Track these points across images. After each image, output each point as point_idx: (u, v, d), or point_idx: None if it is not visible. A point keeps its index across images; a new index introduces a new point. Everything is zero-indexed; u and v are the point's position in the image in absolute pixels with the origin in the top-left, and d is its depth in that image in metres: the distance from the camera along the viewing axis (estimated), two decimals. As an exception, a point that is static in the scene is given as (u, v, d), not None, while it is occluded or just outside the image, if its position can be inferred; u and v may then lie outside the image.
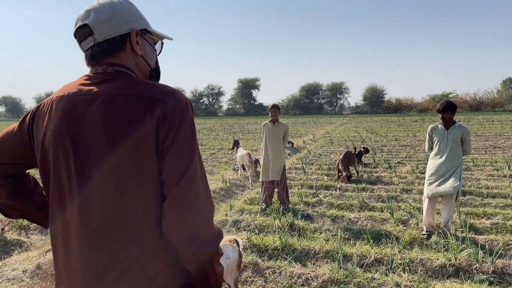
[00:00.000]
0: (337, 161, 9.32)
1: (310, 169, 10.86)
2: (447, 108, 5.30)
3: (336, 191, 8.18)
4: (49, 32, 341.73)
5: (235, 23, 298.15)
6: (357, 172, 9.73)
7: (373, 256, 4.63)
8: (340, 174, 9.29)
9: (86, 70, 1.35)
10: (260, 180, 7.17)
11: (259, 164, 10.59)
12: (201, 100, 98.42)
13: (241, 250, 3.54)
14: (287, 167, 11.19)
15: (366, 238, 5.15)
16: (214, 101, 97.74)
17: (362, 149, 11.90)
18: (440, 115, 5.38)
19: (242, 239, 5.19)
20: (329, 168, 10.77)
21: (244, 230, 5.73)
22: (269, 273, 4.28)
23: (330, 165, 11.15)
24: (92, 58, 1.30)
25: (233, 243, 3.49)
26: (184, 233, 1.17)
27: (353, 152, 10.12)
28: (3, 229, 5.94)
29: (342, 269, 4.21)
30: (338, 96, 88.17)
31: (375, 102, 79.03)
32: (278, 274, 4.26)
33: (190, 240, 1.18)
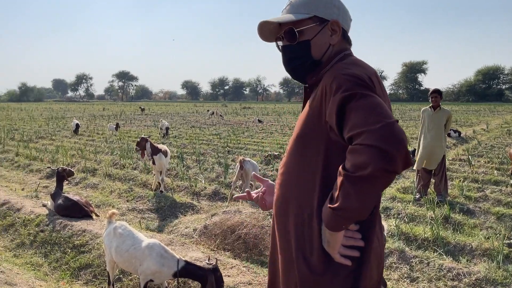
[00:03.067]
0: (510, 154, 8.20)
1: (477, 161, 9.82)
2: None
3: (507, 187, 7.27)
4: (222, 24, 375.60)
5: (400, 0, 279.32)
6: None
7: (543, 262, 4.08)
8: (515, 169, 8.19)
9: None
10: (415, 168, 6.84)
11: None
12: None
13: (385, 234, 3.55)
14: (450, 158, 10.35)
15: (537, 242, 4.53)
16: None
17: (547, 143, 10.19)
18: None
19: (389, 225, 5.12)
20: (501, 162, 9.56)
21: (393, 217, 5.61)
22: (415, 262, 4.16)
23: (504, 159, 9.87)
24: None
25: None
26: None
27: None
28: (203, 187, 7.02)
29: (501, 270, 3.84)
30: (524, 81, 75.84)
31: None
32: (425, 265, 4.11)
33: None
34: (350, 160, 1.23)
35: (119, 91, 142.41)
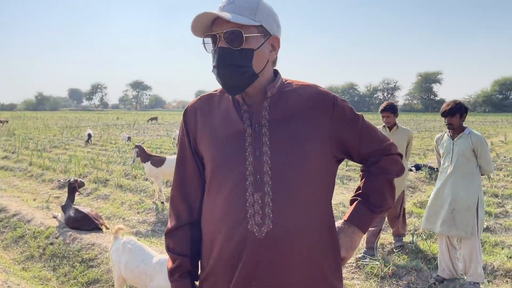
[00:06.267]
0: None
1: (496, 175, 9.54)
2: (455, 110, 3.85)
3: (528, 202, 7.02)
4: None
5: (415, 8, 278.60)
6: None
7: None
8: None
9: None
10: None
11: None
12: (375, 95, 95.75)
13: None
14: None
15: None
16: (389, 96, 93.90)
17: None
18: (445, 120, 3.95)
19: (405, 242, 4.95)
20: (522, 176, 9.29)
21: (410, 234, 5.42)
22: (434, 283, 3.98)
23: (524, 172, 9.59)
24: None
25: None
26: None
27: None
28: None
29: (526, 293, 3.64)
30: (543, 91, 74.71)
31: None
32: (445, 286, 3.93)
33: None
34: (391, 167, 1.50)
35: (133, 100, 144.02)
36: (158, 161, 7.03)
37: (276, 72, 1.46)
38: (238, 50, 1.32)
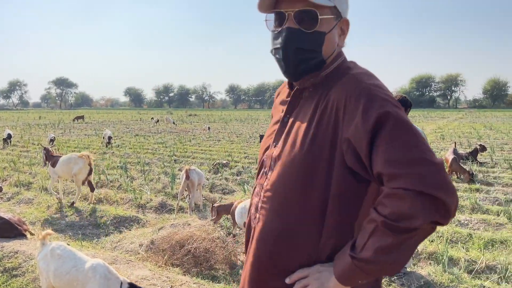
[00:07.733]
0: (448, 161, 8.66)
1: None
2: (402, 103, 3.96)
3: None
4: (166, 30, 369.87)
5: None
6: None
7: (484, 263, 4.26)
8: (452, 172, 8.65)
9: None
10: None
11: None
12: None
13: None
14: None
15: (476, 243, 4.75)
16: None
17: (478, 147, 10.91)
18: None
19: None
20: (438, 166, 10.08)
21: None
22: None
23: (440, 163, 10.42)
24: None
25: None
26: None
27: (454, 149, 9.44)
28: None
29: (447, 273, 3.96)
30: (453, 88, 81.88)
31: (496, 95, 71.73)
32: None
33: None
34: (390, 206, 1.02)
35: (56, 98, 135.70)
36: (54, 161, 7.01)
37: (336, 58, 1.27)
38: (309, 32, 1.19)
